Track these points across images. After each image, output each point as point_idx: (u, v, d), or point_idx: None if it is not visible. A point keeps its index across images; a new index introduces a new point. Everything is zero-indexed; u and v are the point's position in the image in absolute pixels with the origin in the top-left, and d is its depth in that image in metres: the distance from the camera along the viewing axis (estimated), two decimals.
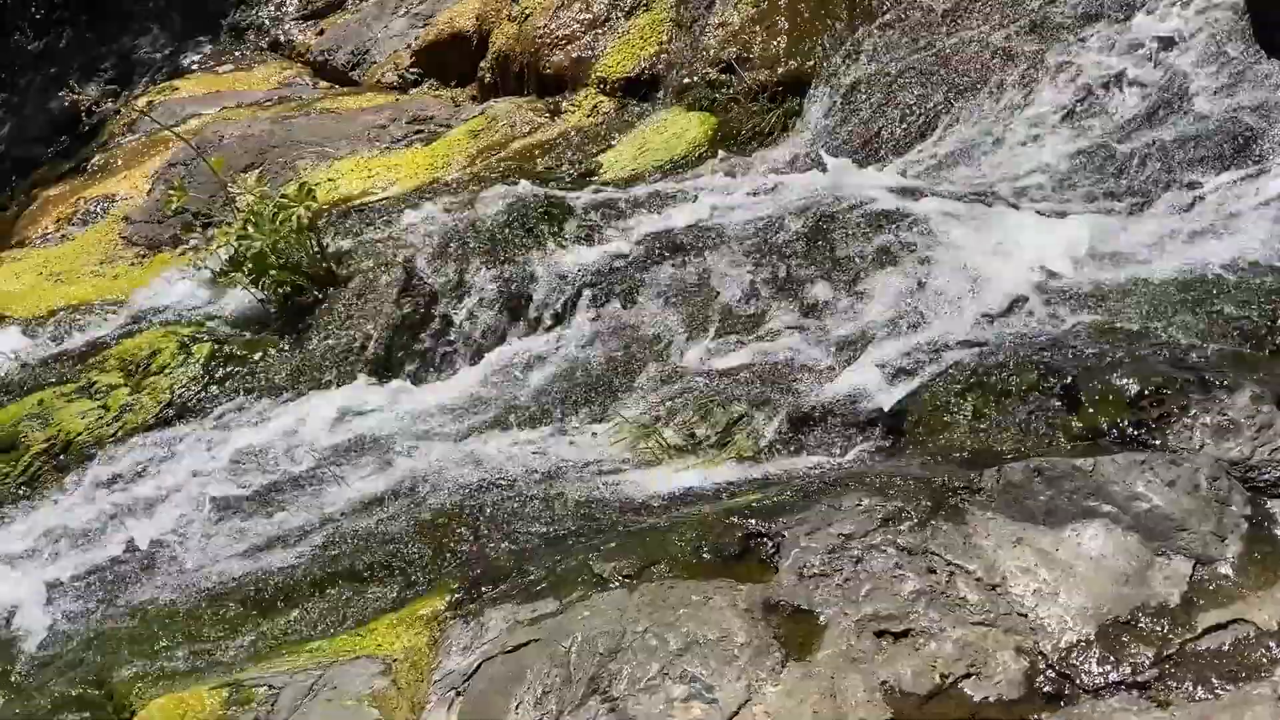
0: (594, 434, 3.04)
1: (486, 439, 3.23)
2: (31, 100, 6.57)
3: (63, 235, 5.16)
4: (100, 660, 2.81)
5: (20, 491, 3.50)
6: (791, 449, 2.78)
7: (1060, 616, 2.08)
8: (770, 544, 2.34)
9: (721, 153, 4.14)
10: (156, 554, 3.13)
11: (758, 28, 4.48)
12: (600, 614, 2.22)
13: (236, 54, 6.55)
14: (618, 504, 2.75)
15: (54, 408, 3.71)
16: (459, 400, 3.42)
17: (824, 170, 3.82)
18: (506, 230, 3.84)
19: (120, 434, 3.58)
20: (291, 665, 2.44)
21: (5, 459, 3.56)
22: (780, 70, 4.34)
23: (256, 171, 4.28)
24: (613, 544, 2.45)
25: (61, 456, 3.55)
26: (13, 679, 2.85)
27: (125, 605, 3.00)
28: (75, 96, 3.69)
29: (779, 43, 4.40)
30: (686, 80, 4.51)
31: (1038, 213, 3.25)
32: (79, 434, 3.59)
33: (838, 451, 2.74)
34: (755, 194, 3.78)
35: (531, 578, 2.46)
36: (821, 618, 2.14)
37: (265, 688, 2.31)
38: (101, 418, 3.64)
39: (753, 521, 2.40)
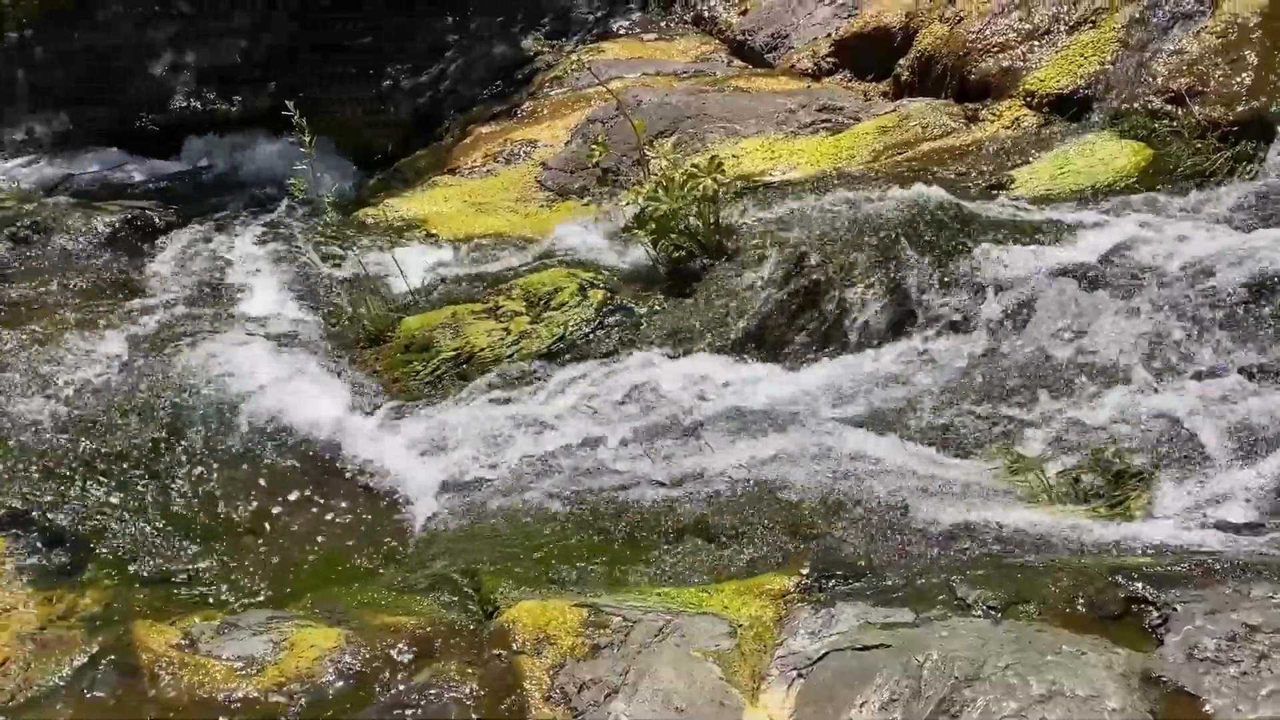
0: (968, 454, 2.94)
1: (851, 433, 3.23)
2: (478, 44, 7.27)
3: (488, 170, 5.68)
4: (472, 553, 3.11)
5: (426, 389, 3.92)
6: (1193, 520, 2.55)
7: None
8: (1156, 614, 2.17)
9: (1153, 188, 3.83)
10: (533, 470, 3.41)
11: (1219, 60, 4.09)
12: (960, 638, 2.16)
13: (661, 24, 6.89)
14: (984, 531, 2.65)
15: (464, 321, 4.11)
16: (829, 389, 3.43)
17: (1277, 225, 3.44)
18: (905, 231, 3.78)
19: (516, 356, 3.92)
20: (643, 603, 2.58)
21: (420, 357, 4.01)
22: (1238, 109, 3.94)
23: (672, 138, 4.50)
24: (980, 571, 2.38)
25: (465, 365, 3.94)
26: (399, 554, 3.23)
27: (499, 510, 3.30)
28: (540, 48, 4.04)
29: (1243, 79, 4.00)
30: (1124, 105, 4.21)
31: None
32: (482, 349, 3.97)
33: (1248, 533, 2.48)
34: (1186, 238, 3.47)
35: (888, 583, 2.44)
36: (1208, 706, 1.96)
37: (620, 618, 2.46)
38: (503, 339, 4.00)
39: (1139, 585, 2.23)
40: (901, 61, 5.22)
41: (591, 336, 3.95)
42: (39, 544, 3.07)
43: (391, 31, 7.63)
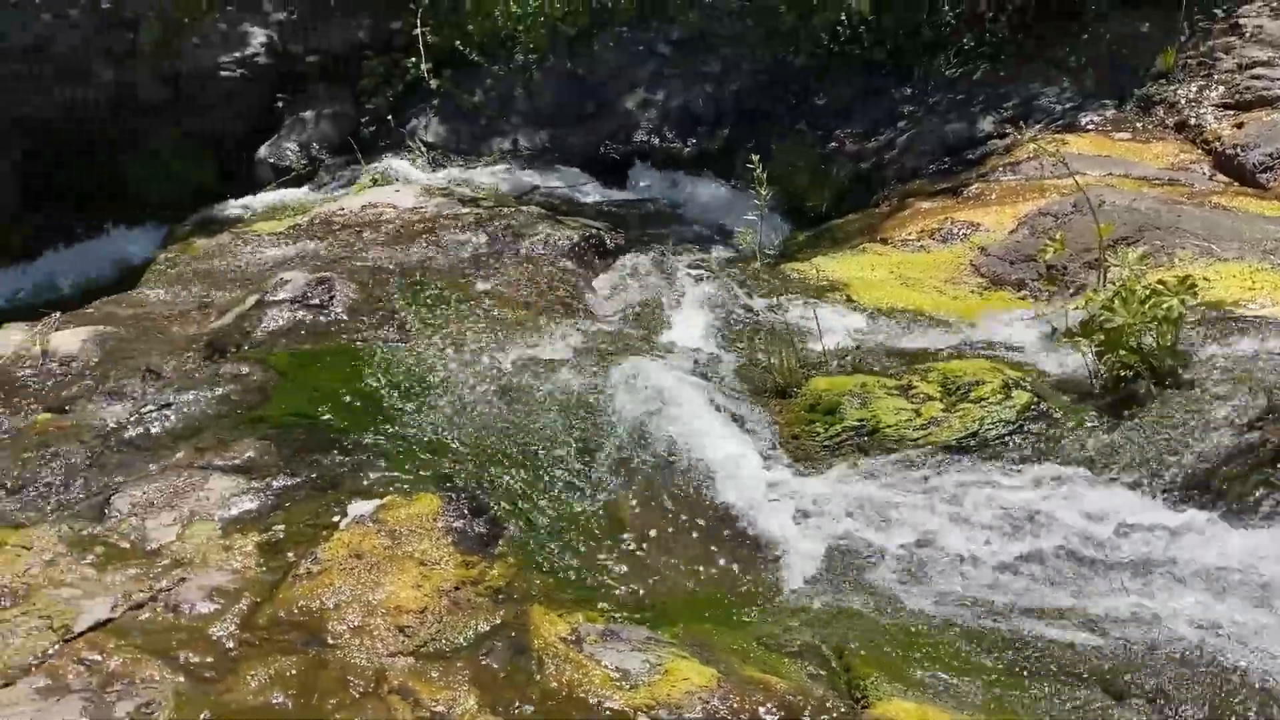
0: None
1: None
2: (932, 118, 7.20)
3: (921, 245, 5.60)
4: (841, 630, 3.05)
5: (823, 453, 3.91)
6: None
7: None
8: None
9: None
10: (918, 563, 3.28)
11: None
12: None
13: (1137, 125, 6.44)
14: None
15: (873, 394, 4.06)
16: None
17: None
18: None
19: (922, 442, 3.80)
20: None
21: (823, 420, 4.01)
22: None
23: (1139, 248, 4.15)
24: None
25: (866, 438, 3.88)
26: (769, 609, 3.23)
27: (875, 595, 3.21)
28: (1019, 135, 3.92)
29: None
30: None
31: None
32: (887, 426, 3.89)
33: None
34: None
35: None
36: None
37: None
38: (910, 420, 3.90)
39: None
40: None
41: (1007, 439, 3.74)
42: (465, 510, 3.41)
43: (847, 94, 7.77)
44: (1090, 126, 6.51)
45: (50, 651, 2.72)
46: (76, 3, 8.27)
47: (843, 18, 7.55)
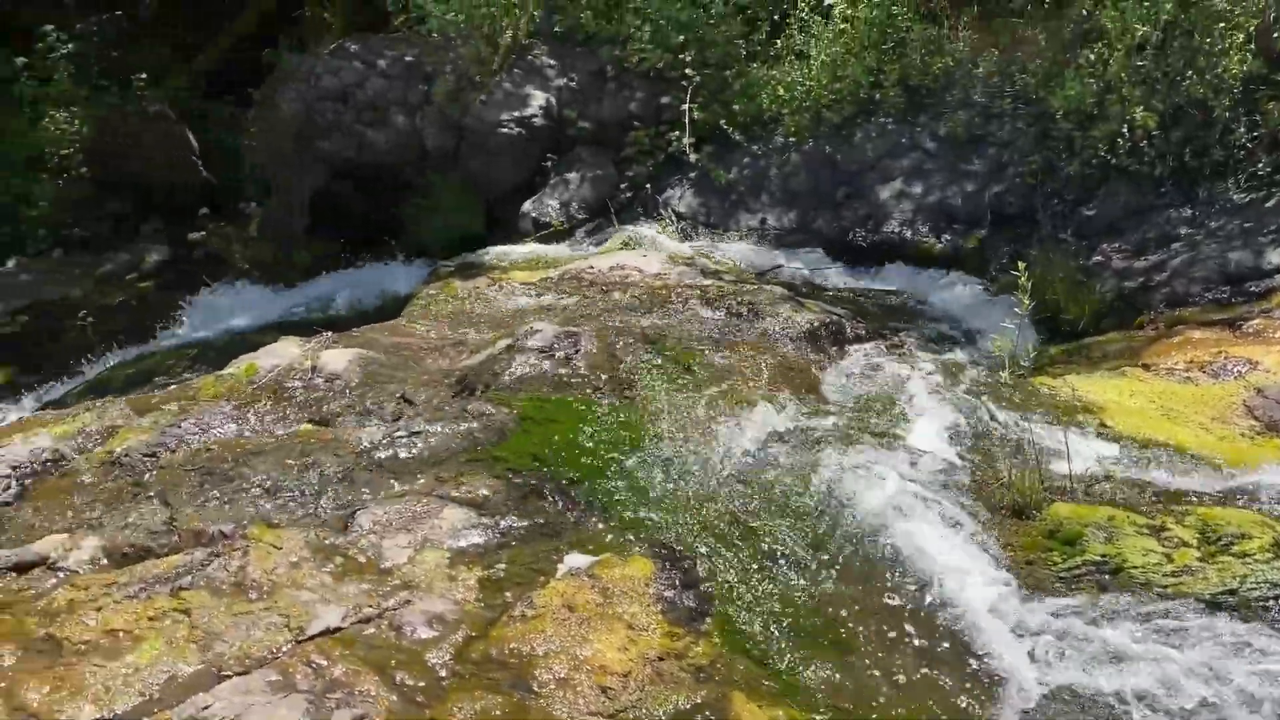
0: None
1: None
2: (1212, 243, 6.72)
3: (1187, 376, 5.20)
4: None
5: (1058, 585, 3.66)
6: None
7: None
8: None
9: None
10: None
11: None
12: None
13: None
14: None
15: (1120, 529, 3.78)
16: None
17: None
18: None
19: (1169, 590, 3.50)
20: None
21: (1062, 550, 3.76)
22: None
23: None
24: None
25: (1109, 576, 3.62)
26: None
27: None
28: None
29: None
30: None
31: None
32: (1133, 566, 3.61)
33: None
34: None
35: None
36: None
37: None
38: (1160, 565, 3.60)
39: None
40: None
41: (1273, 603, 3.38)
42: (677, 580, 3.41)
43: (1119, 208, 7.38)
44: None
45: (284, 649, 2.90)
46: (384, 54, 9.10)
47: (1124, 130, 7.20)
